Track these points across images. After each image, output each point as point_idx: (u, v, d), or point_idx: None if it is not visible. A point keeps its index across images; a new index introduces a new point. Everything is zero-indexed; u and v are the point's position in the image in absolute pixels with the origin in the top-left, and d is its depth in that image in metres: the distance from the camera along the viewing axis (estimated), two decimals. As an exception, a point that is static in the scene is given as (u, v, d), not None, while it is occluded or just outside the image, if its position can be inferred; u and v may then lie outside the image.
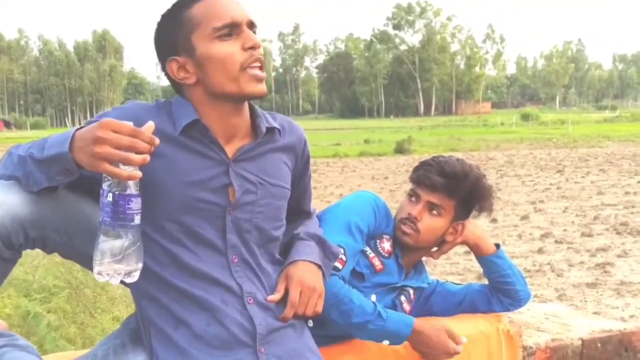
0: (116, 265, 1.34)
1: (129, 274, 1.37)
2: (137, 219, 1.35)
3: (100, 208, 1.33)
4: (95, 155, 1.28)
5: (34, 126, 76.18)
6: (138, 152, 1.29)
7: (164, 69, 1.56)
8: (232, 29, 1.50)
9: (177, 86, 1.58)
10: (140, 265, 1.39)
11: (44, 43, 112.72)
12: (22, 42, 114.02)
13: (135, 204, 1.34)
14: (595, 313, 4.92)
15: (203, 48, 1.50)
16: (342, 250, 1.88)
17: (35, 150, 1.40)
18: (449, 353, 1.89)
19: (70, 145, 1.33)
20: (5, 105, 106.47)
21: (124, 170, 1.29)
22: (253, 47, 1.50)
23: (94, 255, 1.34)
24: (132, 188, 1.33)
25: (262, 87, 1.53)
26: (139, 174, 1.31)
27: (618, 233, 8.34)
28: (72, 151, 1.32)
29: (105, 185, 1.32)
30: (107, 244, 1.33)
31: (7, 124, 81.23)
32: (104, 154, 1.27)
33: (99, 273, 1.35)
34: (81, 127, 1.37)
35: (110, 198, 1.31)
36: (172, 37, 1.53)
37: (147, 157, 1.31)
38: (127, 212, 1.32)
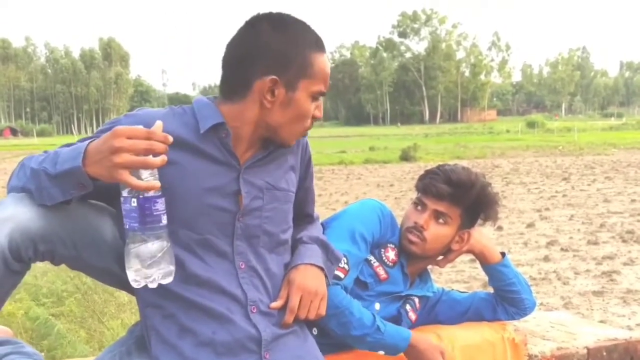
0: (150, 270, 1.34)
1: (164, 276, 1.37)
2: (164, 219, 1.35)
3: (124, 216, 1.32)
4: (116, 166, 1.28)
5: (41, 133, 76.62)
6: (155, 154, 1.30)
7: (254, 73, 1.52)
8: None
9: (241, 92, 1.54)
10: (172, 267, 1.38)
11: (51, 51, 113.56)
12: (29, 50, 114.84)
13: (161, 205, 1.33)
14: (601, 321, 4.90)
15: (301, 96, 1.55)
16: (345, 259, 1.89)
17: (48, 164, 1.39)
18: None
19: (83, 159, 1.33)
20: (12, 112, 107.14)
21: (144, 180, 1.29)
22: (316, 118, 1.61)
23: (126, 263, 1.34)
24: None
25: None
26: (158, 184, 1.32)
27: (624, 241, 8.30)
28: (85, 165, 1.32)
29: (125, 192, 1.31)
30: (138, 250, 1.33)
31: (14, 131, 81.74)
32: (124, 162, 1.28)
33: (135, 280, 1.35)
34: (92, 139, 1.38)
35: (134, 204, 1.30)
36: (290, 62, 1.53)
37: (165, 158, 1.32)
38: (155, 213, 1.32)
